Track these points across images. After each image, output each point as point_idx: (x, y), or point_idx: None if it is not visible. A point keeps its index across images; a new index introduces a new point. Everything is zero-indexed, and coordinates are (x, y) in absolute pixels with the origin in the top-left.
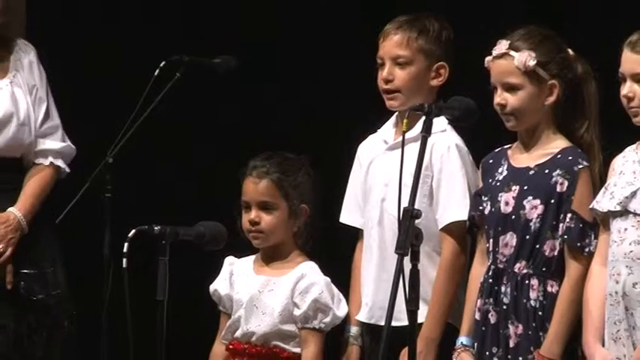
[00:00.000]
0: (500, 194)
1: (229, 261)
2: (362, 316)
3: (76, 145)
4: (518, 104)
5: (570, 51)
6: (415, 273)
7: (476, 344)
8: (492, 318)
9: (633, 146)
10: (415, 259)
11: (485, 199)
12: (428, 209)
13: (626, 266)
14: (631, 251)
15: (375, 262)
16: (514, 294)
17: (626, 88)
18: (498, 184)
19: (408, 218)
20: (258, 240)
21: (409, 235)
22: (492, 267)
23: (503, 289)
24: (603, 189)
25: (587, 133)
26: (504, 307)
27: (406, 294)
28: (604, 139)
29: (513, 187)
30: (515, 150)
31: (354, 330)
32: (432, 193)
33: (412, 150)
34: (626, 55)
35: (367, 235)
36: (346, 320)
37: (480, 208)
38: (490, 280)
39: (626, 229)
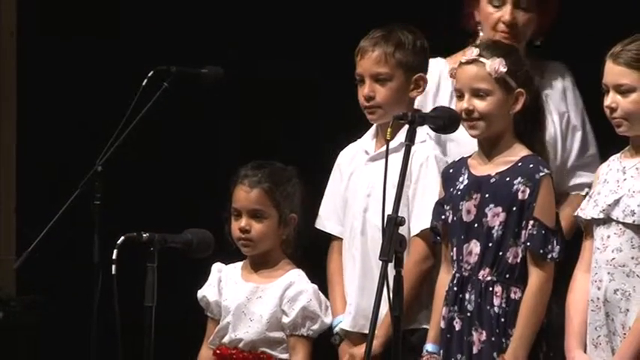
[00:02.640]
0: (461, 203)
1: (217, 267)
2: (345, 324)
3: (66, 153)
4: (487, 109)
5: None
6: (399, 279)
7: (442, 351)
8: (457, 325)
9: (617, 155)
10: (399, 266)
11: (448, 207)
12: (406, 217)
13: (608, 273)
14: (613, 258)
15: (358, 272)
16: (478, 301)
17: (609, 99)
18: (459, 192)
19: (392, 225)
20: (247, 247)
21: (393, 242)
22: (457, 275)
23: (467, 296)
24: (587, 197)
25: (542, 144)
26: (469, 314)
27: (390, 300)
28: None
29: (475, 196)
30: (476, 159)
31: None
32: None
33: (394, 160)
34: (609, 67)
35: (349, 244)
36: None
37: (443, 217)
38: (455, 288)
39: (609, 237)
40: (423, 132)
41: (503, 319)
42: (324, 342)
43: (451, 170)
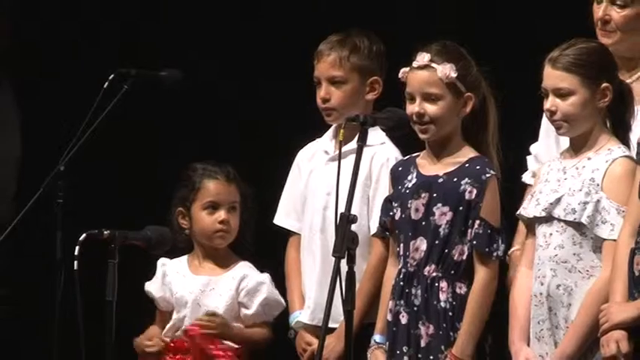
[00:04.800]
0: (410, 201)
1: (162, 262)
2: (304, 317)
3: (30, 153)
4: (438, 113)
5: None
6: (351, 275)
7: (387, 343)
8: (403, 319)
9: (558, 155)
10: (351, 262)
11: (396, 205)
12: (367, 217)
13: (551, 269)
14: (555, 255)
15: (318, 268)
16: (424, 296)
17: (549, 103)
18: (408, 191)
19: (345, 223)
20: (224, 240)
21: (346, 239)
22: (403, 270)
23: (413, 291)
24: (529, 195)
25: (487, 145)
26: (415, 308)
27: (342, 295)
28: (502, 150)
29: (423, 195)
30: (425, 159)
31: (299, 316)
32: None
33: (352, 161)
34: (548, 71)
35: (309, 241)
36: (287, 312)
37: (391, 213)
38: (401, 283)
39: (551, 234)
40: (383, 134)
41: (450, 313)
42: (282, 337)
43: (400, 168)
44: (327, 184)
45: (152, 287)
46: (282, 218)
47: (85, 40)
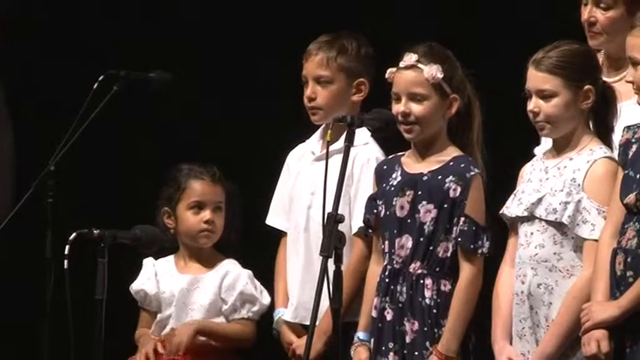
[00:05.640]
0: (394, 199)
1: (152, 262)
2: (287, 315)
3: (20, 153)
4: (423, 113)
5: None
6: (338, 274)
7: (373, 339)
8: (389, 315)
9: (540, 155)
10: (339, 261)
11: (380, 202)
12: (348, 216)
13: (532, 268)
14: (536, 254)
15: (300, 266)
16: (409, 293)
17: (532, 104)
18: (392, 189)
19: (332, 222)
20: (208, 239)
21: (333, 238)
22: (389, 267)
23: (399, 288)
24: (512, 195)
25: (472, 146)
26: (400, 305)
27: (330, 293)
28: (486, 150)
29: (408, 192)
30: (410, 157)
31: (280, 314)
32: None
33: (337, 161)
34: (531, 73)
35: (294, 239)
36: (272, 309)
37: (375, 211)
38: (386, 280)
39: (532, 233)
40: (367, 134)
41: (435, 310)
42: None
43: (385, 167)
44: (311, 184)
45: (146, 285)
46: (273, 218)
47: (81, 40)
